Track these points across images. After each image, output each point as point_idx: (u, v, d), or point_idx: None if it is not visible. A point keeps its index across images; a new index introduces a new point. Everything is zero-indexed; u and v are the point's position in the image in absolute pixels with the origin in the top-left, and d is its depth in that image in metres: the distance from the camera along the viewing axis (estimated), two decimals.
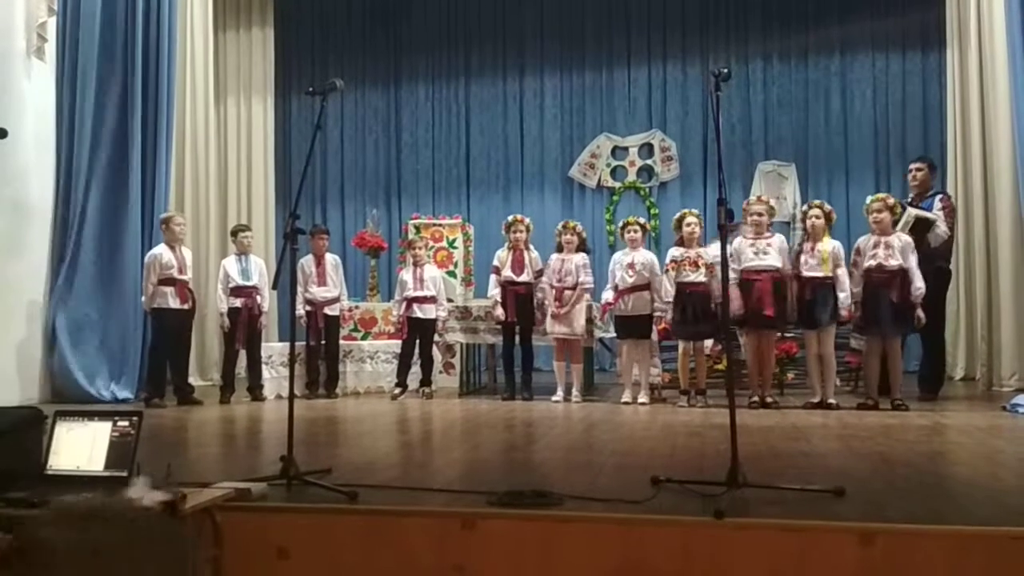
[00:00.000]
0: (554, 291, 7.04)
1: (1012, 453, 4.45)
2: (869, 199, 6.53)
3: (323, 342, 7.70)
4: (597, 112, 11.03)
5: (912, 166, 7.03)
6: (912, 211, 6.59)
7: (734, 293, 6.31)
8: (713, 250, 6.38)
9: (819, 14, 10.46)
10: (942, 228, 6.60)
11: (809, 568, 2.73)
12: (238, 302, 7.34)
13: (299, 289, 7.59)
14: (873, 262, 6.22)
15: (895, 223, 6.39)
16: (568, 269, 7.06)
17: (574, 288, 7.02)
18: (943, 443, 4.69)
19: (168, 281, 7.02)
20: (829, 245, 6.38)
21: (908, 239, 6.30)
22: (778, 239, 6.54)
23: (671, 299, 6.57)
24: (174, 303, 7.03)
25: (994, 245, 7.72)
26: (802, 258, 6.39)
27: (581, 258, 7.16)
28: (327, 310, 7.70)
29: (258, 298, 7.41)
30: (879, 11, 10.30)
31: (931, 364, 6.89)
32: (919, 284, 6.12)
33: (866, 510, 2.97)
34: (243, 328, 7.30)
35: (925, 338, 6.79)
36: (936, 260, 6.61)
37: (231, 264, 7.47)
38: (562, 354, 7.16)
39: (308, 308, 7.63)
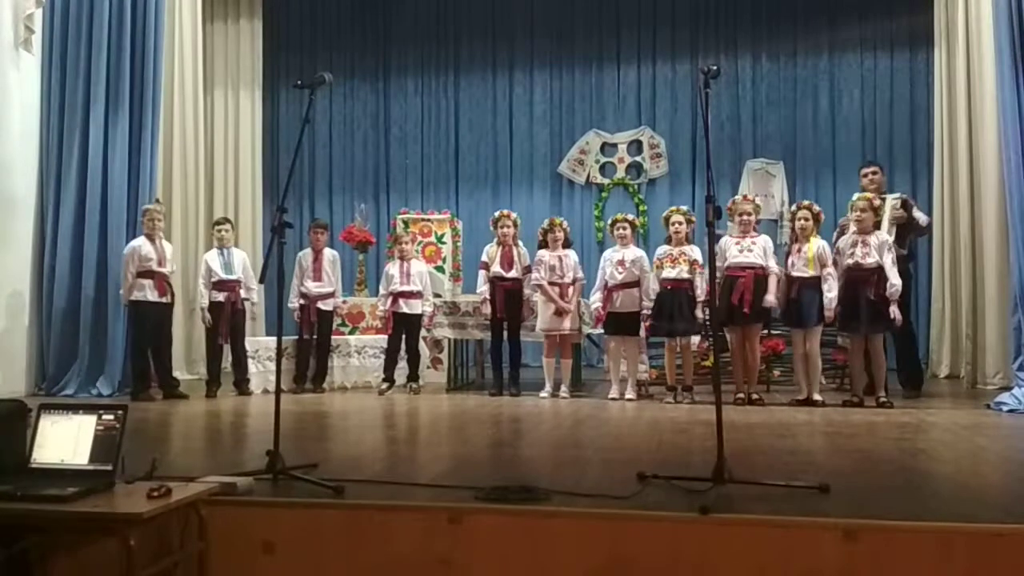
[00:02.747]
0: (557, 288, 7.05)
1: (995, 451, 4.49)
2: (855, 197, 6.58)
3: (314, 336, 7.68)
4: (586, 108, 11.01)
5: (868, 170, 7.12)
6: (889, 198, 6.79)
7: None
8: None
9: (808, 13, 10.48)
10: (921, 215, 6.99)
11: (794, 563, 2.75)
12: (221, 296, 7.28)
13: (295, 282, 7.59)
14: (851, 260, 6.30)
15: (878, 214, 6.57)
16: (568, 264, 7.10)
17: (573, 283, 7.07)
18: (927, 440, 4.72)
19: (147, 274, 6.96)
20: (815, 245, 6.43)
21: (886, 237, 6.37)
22: (763, 239, 6.59)
23: (653, 296, 6.62)
24: (152, 296, 6.97)
25: (979, 244, 7.76)
26: (790, 259, 6.46)
27: (575, 253, 7.23)
28: (320, 304, 7.67)
29: (241, 292, 7.37)
30: (868, 11, 10.32)
31: (909, 361, 6.96)
32: (895, 281, 6.18)
33: (850, 506, 2.99)
34: (226, 322, 7.26)
35: (898, 336, 6.81)
36: (908, 260, 6.80)
37: (213, 258, 7.41)
38: (552, 350, 7.17)
39: (301, 302, 7.61)
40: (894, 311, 6.18)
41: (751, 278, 6.36)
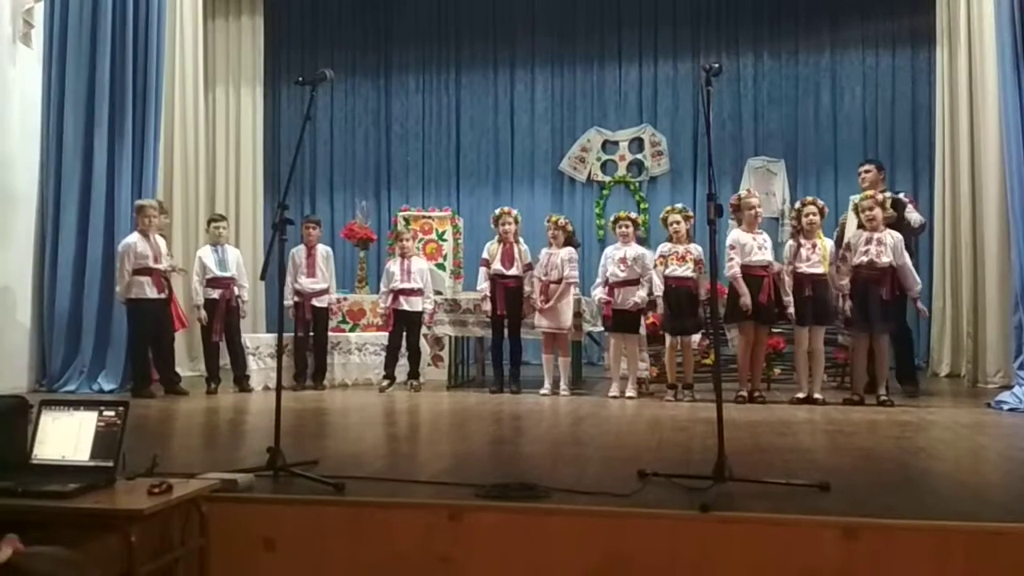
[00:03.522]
0: (540, 284, 7.05)
1: (996, 449, 4.49)
2: (857, 197, 6.58)
3: (311, 333, 7.68)
4: (588, 106, 11.00)
5: (861, 168, 7.17)
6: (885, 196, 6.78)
7: (743, 288, 6.32)
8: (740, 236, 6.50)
9: (810, 11, 10.47)
10: (915, 214, 6.91)
11: (793, 562, 2.75)
12: (215, 293, 7.28)
13: (288, 279, 7.56)
14: (865, 258, 6.26)
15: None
16: (554, 263, 7.08)
17: (559, 282, 7.03)
18: (927, 439, 4.72)
19: (144, 271, 6.94)
20: (828, 243, 6.45)
21: (899, 236, 6.35)
22: (766, 236, 6.60)
23: (660, 293, 6.59)
24: (151, 292, 6.96)
25: (981, 243, 7.76)
26: (802, 253, 6.41)
27: (567, 252, 7.15)
28: (315, 301, 7.66)
29: (236, 289, 7.37)
30: (869, 10, 10.31)
31: (905, 359, 6.97)
32: (917, 278, 6.29)
33: (850, 505, 2.99)
34: (220, 319, 7.25)
35: (893, 335, 6.79)
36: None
37: (207, 255, 7.39)
38: (550, 348, 7.17)
39: (296, 299, 7.60)
40: (921, 307, 6.44)
41: (772, 277, 6.40)
